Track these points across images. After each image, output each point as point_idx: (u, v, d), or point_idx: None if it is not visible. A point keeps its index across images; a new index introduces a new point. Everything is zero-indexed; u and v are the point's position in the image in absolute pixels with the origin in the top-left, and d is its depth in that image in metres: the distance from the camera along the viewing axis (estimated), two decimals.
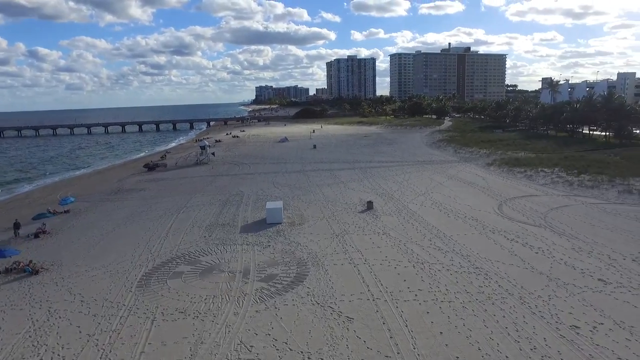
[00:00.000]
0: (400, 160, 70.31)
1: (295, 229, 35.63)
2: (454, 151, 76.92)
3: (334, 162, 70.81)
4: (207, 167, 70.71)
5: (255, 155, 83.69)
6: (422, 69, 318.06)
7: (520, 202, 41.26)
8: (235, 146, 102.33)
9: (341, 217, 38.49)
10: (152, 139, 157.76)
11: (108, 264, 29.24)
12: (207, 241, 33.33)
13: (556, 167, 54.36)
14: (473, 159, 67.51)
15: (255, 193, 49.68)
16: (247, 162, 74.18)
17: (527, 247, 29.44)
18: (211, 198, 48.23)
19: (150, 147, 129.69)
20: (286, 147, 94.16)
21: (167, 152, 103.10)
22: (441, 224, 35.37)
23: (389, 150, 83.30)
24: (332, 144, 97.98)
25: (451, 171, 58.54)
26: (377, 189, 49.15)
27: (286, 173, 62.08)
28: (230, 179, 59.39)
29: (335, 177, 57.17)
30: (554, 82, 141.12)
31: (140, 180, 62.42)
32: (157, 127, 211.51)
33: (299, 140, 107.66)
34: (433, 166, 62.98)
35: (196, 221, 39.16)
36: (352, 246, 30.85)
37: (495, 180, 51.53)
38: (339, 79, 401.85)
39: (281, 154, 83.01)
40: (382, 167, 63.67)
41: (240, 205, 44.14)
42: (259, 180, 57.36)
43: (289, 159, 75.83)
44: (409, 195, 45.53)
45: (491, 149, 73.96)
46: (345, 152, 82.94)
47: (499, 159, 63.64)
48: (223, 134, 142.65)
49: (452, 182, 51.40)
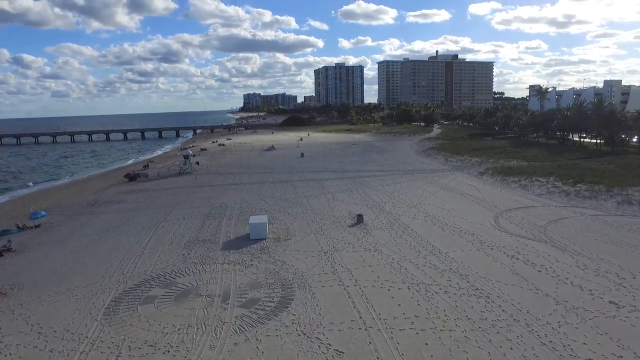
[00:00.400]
0: (390, 169, 68.40)
1: (280, 245, 33.33)
2: (445, 159, 75.24)
3: (321, 171, 68.68)
4: (191, 177, 68.13)
5: (241, 164, 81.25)
6: (409, 76, 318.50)
7: (517, 214, 39.42)
8: (221, 155, 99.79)
9: (329, 231, 36.27)
10: (137, 147, 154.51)
11: (75, 287, 26.65)
12: (186, 260, 30.88)
13: (551, 177, 52.79)
14: (465, 168, 65.83)
15: (240, 205, 47.30)
16: (232, 172, 71.72)
17: (529, 265, 27.47)
18: (193, 211, 45.74)
19: (135, 156, 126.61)
20: (273, 156, 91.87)
21: (151, 161, 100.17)
22: (436, 239, 33.32)
23: (379, 158, 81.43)
24: (320, 152, 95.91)
25: (443, 181, 56.71)
26: (367, 201, 47.07)
27: (272, 183, 59.77)
28: (213, 190, 56.92)
29: (323, 188, 55.00)
30: (542, 89, 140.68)
31: (119, 192, 59.63)
32: (142, 135, 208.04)
33: (286, 149, 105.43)
34: (424, 175, 61.13)
35: (175, 237, 36.68)
36: (341, 265, 28.63)
37: (489, 191, 49.74)
38: (327, 86, 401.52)
39: (267, 163, 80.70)
40: (372, 177, 61.67)
41: (223, 219, 41.71)
42: (243, 192, 54.97)
43: (276, 169, 73.54)
44: (401, 207, 43.49)
45: (482, 157, 72.44)
46: (334, 160, 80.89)
47: (492, 168, 62.03)
48: (209, 142, 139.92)
49: (444, 193, 49.51)
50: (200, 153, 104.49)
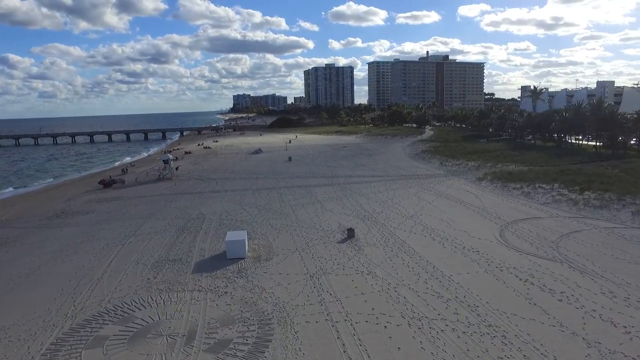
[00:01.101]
0: (382, 174, 64.60)
1: (260, 266, 29.29)
2: (440, 163, 71.61)
3: (310, 176, 64.69)
4: (170, 184, 63.79)
5: (225, 169, 77.00)
6: (400, 77, 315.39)
7: (523, 227, 35.74)
8: (205, 158, 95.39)
9: (317, 248, 32.30)
10: (121, 150, 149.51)
11: (11, 325, 22.40)
12: (150, 286, 26.73)
13: (555, 183, 49.28)
14: (461, 173, 62.21)
15: (219, 217, 43.15)
16: (215, 178, 67.47)
17: (547, 292, 23.71)
18: (167, 223, 41.52)
19: (119, 158, 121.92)
20: (259, 160, 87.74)
21: (132, 165, 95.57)
22: (437, 257, 29.48)
23: (370, 162, 77.65)
24: (308, 155, 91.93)
25: (439, 187, 53.00)
26: (359, 211, 43.16)
27: (257, 190, 55.67)
28: (193, 198, 52.69)
29: (311, 196, 51.02)
30: (536, 90, 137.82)
31: (91, 200, 55.18)
32: (127, 137, 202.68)
33: (273, 152, 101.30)
34: (419, 181, 57.38)
35: (143, 255, 32.49)
36: (329, 292, 24.68)
37: (489, 199, 46.07)
38: (317, 87, 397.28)
39: (253, 168, 76.56)
40: (363, 183, 57.82)
41: (199, 233, 37.56)
42: (225, 200, 50.81)
43: (262, 174, 69.44)
44: (396, 219, 39.64)
45: (479, 161, 68.93)
46: (323, 165, 76.96)
47: (490, 173, 58.45)
48: (195, 144, 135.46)
49: (442, 202, 45.75)
50: (183, 156, 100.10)
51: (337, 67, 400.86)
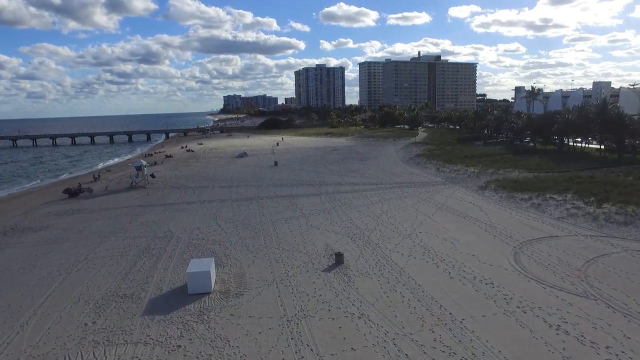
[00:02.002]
0: (375, 181, 59.34)
1: (228, 305, 23.86)
2: (437, 169, 66.49)
3: (296, 184, 59.27)
4: (142, 193, 58.02)
5: (205, 175, 71.30)
6: (392, 77, 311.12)
7: (540, 249, 30.61)
8: (186, 163, 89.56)
9: (298, 279, 26.91)
10: (101, 153, 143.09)
11: None
12: (85, 336, 21.17)
13: (567, 193, 44.31)
14: (461, 180, 57.12)
15: (189, 235, 37.60)
16: (192, 185, 61.79)
17: (588, 346, 18.54)
18: (128, 243, 35.89)
19: (100, 161, 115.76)
20: (243, 165, 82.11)
21: (108, 170, 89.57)
22: (443, 293, 24.21)
23: (361, 167, 72.38)
24: (296, 159, 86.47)
25: (439, 197, 47.84)
26: (349, 227, 37.83)
27: (236, 201, 50.14)
28: (163, 211, 47.04)
29: (295, 208, 45.60)
30: (534, 90, 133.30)
31: (49, 213, 49.31)
32: (110, 139, 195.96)
33: (259, 155, 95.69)
34: (415, 190, 52.19)
35: (88, 289, 26.89)
36: (311, 347, 19.31)
37: (496, 212, 40.93)
38: (308, 88, 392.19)
39: (236, 174, 70.96)
40: (354, 192, 52.52)
41: (162, 258, 32.00)
42: (199, 214, 45.24)
43: (244, 181, 63.89)
44: (391, 237, 34.36)
45: (479, 167, 63.98)
46: (311, 170, 71.56)
47: (493, 181, 53.42)
48: (178, 147, 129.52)
49: (443, 215, 40.54)
50: (163, 161, 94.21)
51: (328, 68, 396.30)
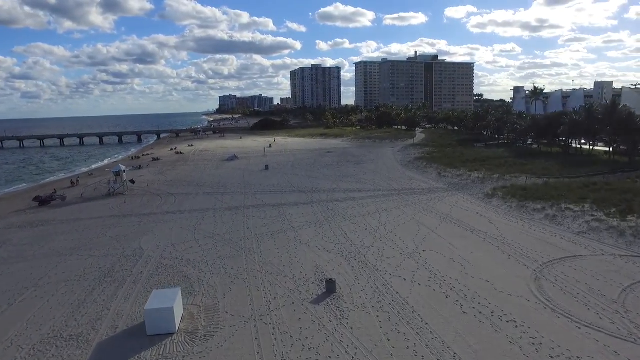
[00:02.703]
0: (371, 188, 54.98)
1: (193, 351, 19.43)
2: (438, 174, 62.20)
3: (286, 191, 54.86)
4: (119, 201, 53.44)
5: (191, 180, 66.75)
6: (388, 77, 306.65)
7: (565, 272, 26.32)
8: (173, 166, 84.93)
9: (282, 315, 22.49)
10: (90, 154, 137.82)
11: None
12: None
13: (584, 203, 40.05)
14: (465, 187, 52.85)
15: (161, 253, 33.12)
16: (175, 192, 57.25)
17: None
18: (90, 264, 31.39)
19: (87, 164, 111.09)
20: (232, 168, 77.58)
21: (90, 174, 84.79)
22: (456, 334, 19.85)
23: (357, 172, 68.01)
24: (288, 163, 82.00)
25: (442, 207, 43.52)
26: (343, 244, 33.44)
27: (220, 211, 45.66)
28: (138, 223, 42.49)
29: (284, 220, 41.18)
30: (536, 90, 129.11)
31: (11, 225, 44.62)
32: (100, 140, 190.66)
33: (250, 158, 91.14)
34: (416, 198, 47.87)
35: (28, 327, 22.41)
36: None
37: (507, 225, 36.63)
38: (304, 88, 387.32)
39: (223, 179, 66.44)
40: (349, 200, 48.15)
41: (125, 283, 27.51)
42: (177, 226, 40.75)
43: (231, 187, 59.40)
44: (391, 257, 30.00)
45: (483, 172, 59.77)
46: (303, 175, 67.14)
47: (500, 188, 49.15)
48: (168, 148, 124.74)
49: (448, 229, 36.22)
50: (149, 164, 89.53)
51: (324, 68, 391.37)
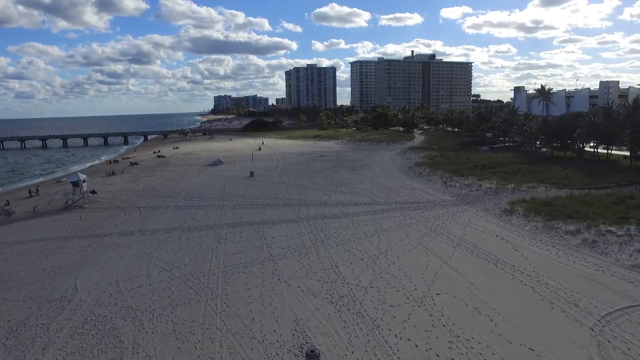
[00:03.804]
0: (368, 200, 47.75)
1: None
2: (443, 183, 55.04)
3: (270, 204, 47.56)
4: (74, 217, 45.91)
5: (165, 190, 59.26)
6: (384, 77, 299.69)
7: (637, 334, 19.15)
8: (150, 172, 77.35)
9: None
10: (67, 157, 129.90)
11: None
12: None
13: (627, 224, 32.87)
14: (476, 200, 45.68)
15: (98, 296, 25.72)
16: (143, 205, 49.80)
17: None
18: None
19: (64, 167, 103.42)
20: (214, 175, 70.14)
21: (58, 180, 77.02)
22: None
23: (352, 180, 60.77)
24: (277, 168, 74.66)
25: (453, 227, 36.33)
26: (333, 281, 26.16)
27: (188, 232, 38.27)
28: (85, 248, 35.04)
29: (262, 245, 33.85)
30: (544, 89, 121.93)
31: None
32: (85, 141, 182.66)
33: (235, 163, 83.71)
34: (421, 214, 40.65)
35: None
36: None
37: (538, 255, 29.43)
38: (298, 88, 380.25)
39: (201, 188, 59.05)
40: (343, 217, 40.88)
41: (29, 350, 20.11)
42: (131, 252, 33.34)
43: (208, 198, 52.03)
44: (396, 306, 22.74)
45: (495, 181, 52.67)
46: (292, 183, 59.84)
47: (518, 202, 41.94)
48: (151, 151, 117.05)
49: (465, 259, 28.99)
50: (125, 170, 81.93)
51: (320, 68, 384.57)
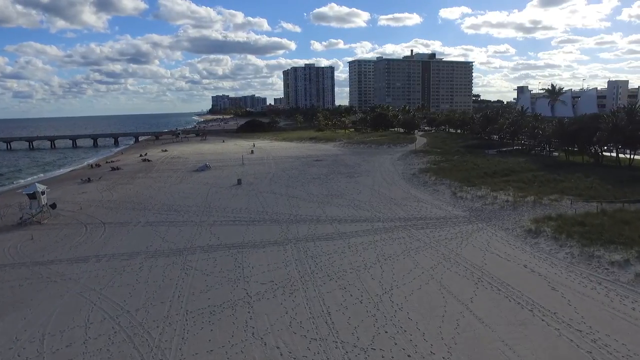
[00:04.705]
0: (368, 216, 41.56)
1: None
2: (452, 193, 48.89)
3: (255, 220, 41.35)
4: (25, 236, 39.61)
5: (140, 200, 52.98)
6: (384, 76, 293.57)
7: None
8: (130, 179, 71.03)
9: None
10: (52, 160, 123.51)
11: None
12: None
13: None
14: (492, 215, 39.51)
15: None
16: (110, 221, 43.56)
17: None
18: None
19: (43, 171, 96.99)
20: (198, 183, 63.88)
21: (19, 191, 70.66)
22: None
23: (350, 189, 54.64)
24: (268, 175, 68.43)
25: (470, 253, 30.18)
26: (322, 340, 19.96)
27: (152, 258, 32.03)
28: (19, 283, 28.77)
29: (237, 279, 27.63)
30: (555, 89, 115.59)
31: None
32: (73, 142, 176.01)
33: (224, 168, 77.46)
34: (430, 235, 34.48)
35: None
36: None
37: (583, 297, 23.25)
38: (296, 88, 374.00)
39: (181, 199, 52.83)
40: (338, 239, 34.70)
41: None
42: (77, 287, 27.11)
43: (186, 212, 45.81)
44: None
45: (510, 191, 46.65)
46: (282, 193, 53.68)
47: (544, 220, 35.70)
48: (138, 154, 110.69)
49: (491, 303, 22.79)
50: (103, 176, 75.52)
51: (318, 67, 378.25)
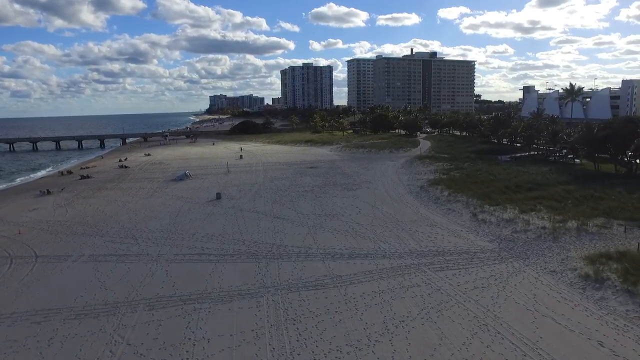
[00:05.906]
0: (370, 249, 32.94)
1: None
2: (472, 215, 40.29)
3: (226, 254, 32.71)
4: None
5: (96, 222, 44.20)
6: (383, 76, 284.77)
7: None
8: (95, 191, 62.16)
9: None
10: (25, 164, 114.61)
11: None
12: None
13: None
14: (527, 247, 30.92)
15: None
16: (45, 253, 34.84)
17: None
18: None
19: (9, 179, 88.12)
20: (171, 197, 55.14)
21: None
22: None
23: (348, 206, 46.07)
24: (253, 186, 59.74)
25: (511, 315, 21.63)
26: None
27: (73, 319, 23.41)
28: None
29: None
30: (574, 88, 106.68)
31: None
32: (57, 144, 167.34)
33: (205, 177, 68.76)
34: (454, 282, 25.88)
35: None
36: None
37: None
38: (294, 88, 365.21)
39: (145, 219, 44.16)
40: (331, 287, 26.09)
41: None
42: None
43: (145, 238, 37.14)
44: None
45: (542, 212, 38.15)
46: (266, 212, 45.06)
47: (601, 259, 27.12)
48: (117, 159, 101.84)
49: None
50: (69, 185, 66.85)
51: (316, 67, 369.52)
